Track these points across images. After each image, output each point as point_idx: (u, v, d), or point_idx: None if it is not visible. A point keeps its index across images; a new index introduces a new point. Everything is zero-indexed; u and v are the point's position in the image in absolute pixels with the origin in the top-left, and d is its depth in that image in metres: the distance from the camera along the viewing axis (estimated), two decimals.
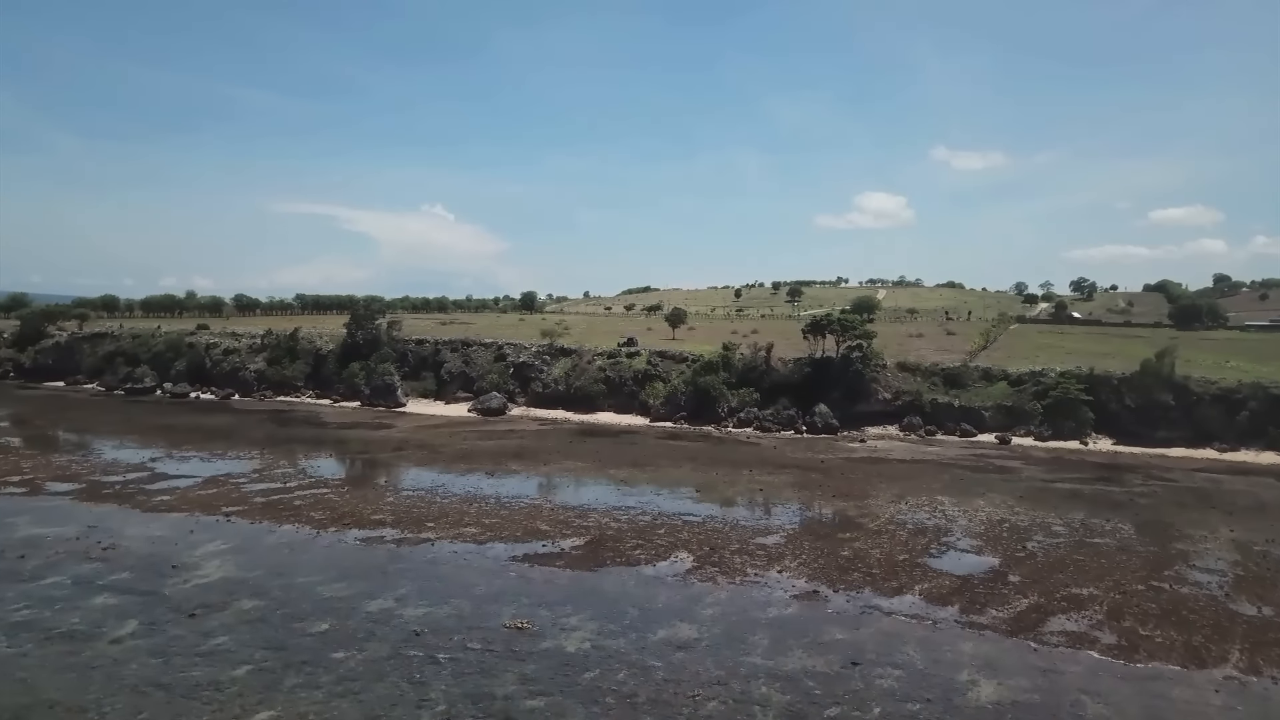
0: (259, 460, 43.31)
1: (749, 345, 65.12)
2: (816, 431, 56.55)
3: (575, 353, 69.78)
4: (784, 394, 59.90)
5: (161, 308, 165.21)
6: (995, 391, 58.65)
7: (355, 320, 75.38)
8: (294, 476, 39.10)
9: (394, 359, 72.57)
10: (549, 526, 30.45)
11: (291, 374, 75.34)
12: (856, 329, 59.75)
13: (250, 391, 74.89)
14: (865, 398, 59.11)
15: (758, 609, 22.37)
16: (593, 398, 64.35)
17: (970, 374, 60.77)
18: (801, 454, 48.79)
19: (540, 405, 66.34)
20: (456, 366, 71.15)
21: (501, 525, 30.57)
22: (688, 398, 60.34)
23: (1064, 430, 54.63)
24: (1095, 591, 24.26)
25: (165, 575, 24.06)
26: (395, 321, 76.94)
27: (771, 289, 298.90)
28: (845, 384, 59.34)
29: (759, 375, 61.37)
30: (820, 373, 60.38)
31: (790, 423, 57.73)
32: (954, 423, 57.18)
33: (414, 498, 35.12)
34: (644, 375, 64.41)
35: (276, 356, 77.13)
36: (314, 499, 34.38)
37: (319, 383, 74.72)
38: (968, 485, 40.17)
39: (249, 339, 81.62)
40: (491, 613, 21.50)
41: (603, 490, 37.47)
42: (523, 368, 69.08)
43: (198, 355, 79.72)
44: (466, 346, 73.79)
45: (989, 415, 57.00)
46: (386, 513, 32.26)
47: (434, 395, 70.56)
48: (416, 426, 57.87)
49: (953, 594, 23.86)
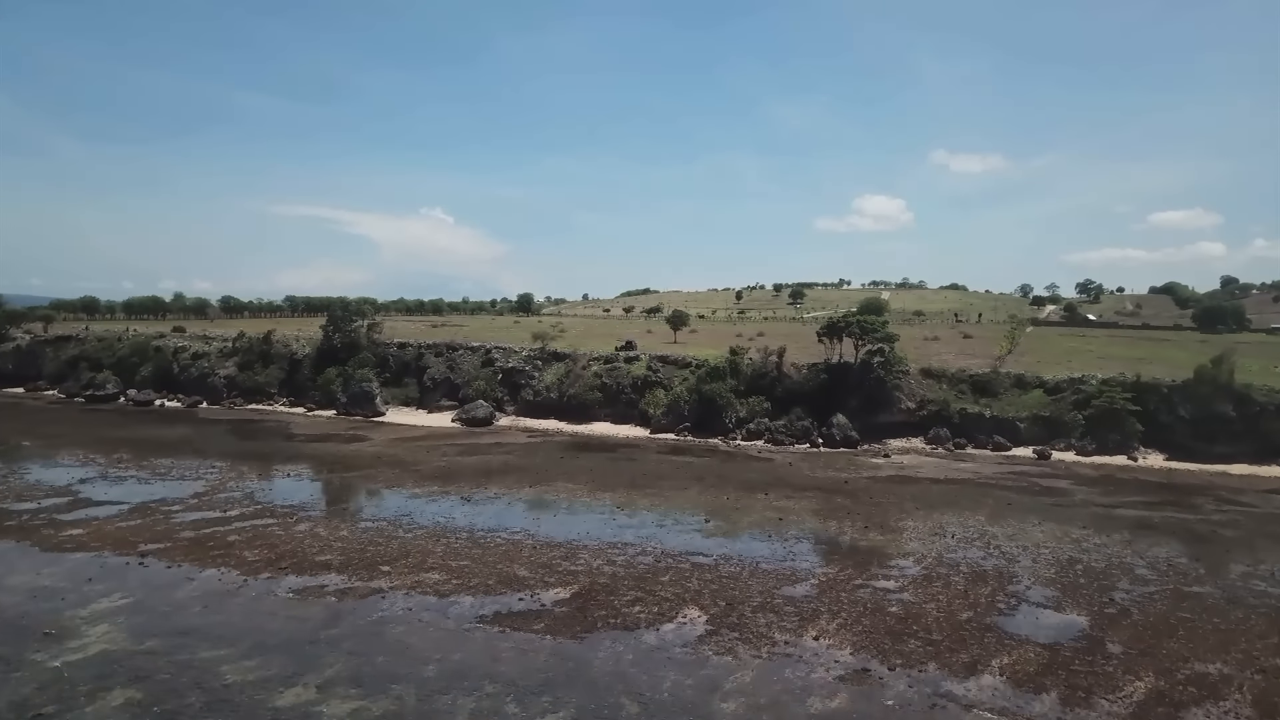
0: (206, 481, 37.94)
1: (758, 349, 59.78)
2: (834, 445, 51.22)
3: (569, 357, 64.44)
4: (797, 403, 54.59)
5: (144, 310, 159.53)
6: (1030, 400, 53.34)
7: (332, 322, 69.99)
8: (239, 502, 33.71)
9: (373, 364, 67.18)
10: (528, 571, 25.07)
11: (264, 380, 69.92)
12: (877, 332, 54.47)
13: (219, 399, 69.43)
14: (887, 407, 53.79)
15: (795, 699, 17.03)
16: (588, 407, 59.03)
17: (1001, 381, 55.45)
18: (821, 472, 43.46)
19: (531, 414, 61.01)
20: (440, 372, 65.78)
21: (471, 569, 25.20)
22: (692, 407, 55.01)
23: (1108, 444, 49.31)
24: (1225, 669, 18.94)
25: (27, 648, 18.68)
26: (376, 324, 71.58)
27: (773, 291, 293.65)
28: (865, 392, 54.03)
29: (770, 382, 56.04)
30: (837, 380, 55.07)
31: (805, 435, 52.38)
32: (985, 435, 51.84)
33: (372, 530, 29.74)
34: (644, 382, 59.09)
35: (248, 361, 71.71)
36: (254, 532, 29.01)
37: (293, 390, 69.32)
38: (1017, 511, 34.83)
39: (220, 342, 76.24)
40: (444, 710, 16.16)
41: (596, 520, 32.09)
42: (512, 374, 63.73)
43: (165, 360, 74.31)
44: (452, 350, 68.43)
45: (1024, 427, 51.66)
46: (335, 551, 26.89)
47: (416, 404, 65.19)
48: (393, 439, 52.48)
49: (1043, 673, 18.52)
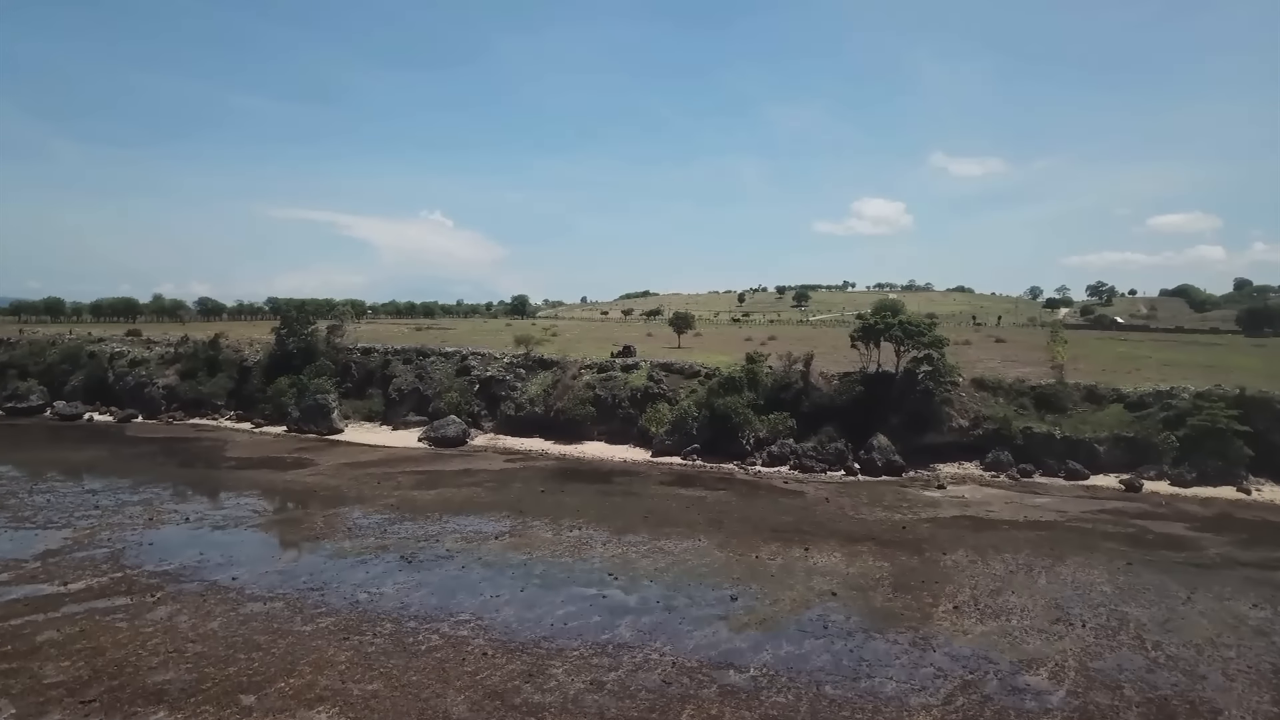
0: (75, 529, 29.05)
1: (778, 356, 50.86)
2: (874, 472, 42.35)
3: (557, 365, 55.52)
4: (827, 420, 45.73)
5: (113, 312, 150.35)
6: (1108, 418, 44.49)
7: (286, 324, 61.03)
8: (94, 567, 24.77)
9: (332, 373, 58.28)
10: (469, 710, 16.14)
11: (209, 391, 60.97)
12: (924, 335, 45.62)
13: (156, 412, 60.48)
14: (936, 425, 44.94)
15: None
16: (578, 423, 50.11)
17: (1068, 394, 46.60)
18: (867, 510, 34.60)
19: (512, 432, 52.10)
20: (408, 382, 56.83)
21: (380, 704, 16.28)
22: (702, 425, 46.10)
23: (1209, 471, 40.46)
24: None
25: None
26: (337, 326, 62.58)
27: (776, 293, 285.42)
28: (909, 407, 45.17)
29: (795, 396, 47.14)
30: (876, 392, 46.21)
31: (839, 460, 43.48)
32: (1055, 460, 42.95)
33: (258, 619, 20.80)
34: (644, 395, 50.19)
35: (191, 370, 62.76)
36: (84, 625, 20.07)
37: (242, 402, 60.40)
38: (1144, 576, 25.93)
39: (163, 347, 67.29)
40: None
41: (580, 598, 23.10)
42: (490, 384, 54.80)
43: (99, 368, 65.37)
44: (423, 357, 59.49)
45: (1103, 450, 42.82)
46: (185, 664, 17.96)
47: (380, 418, 56.27)
48: (343, 464, 43.56)
49: None
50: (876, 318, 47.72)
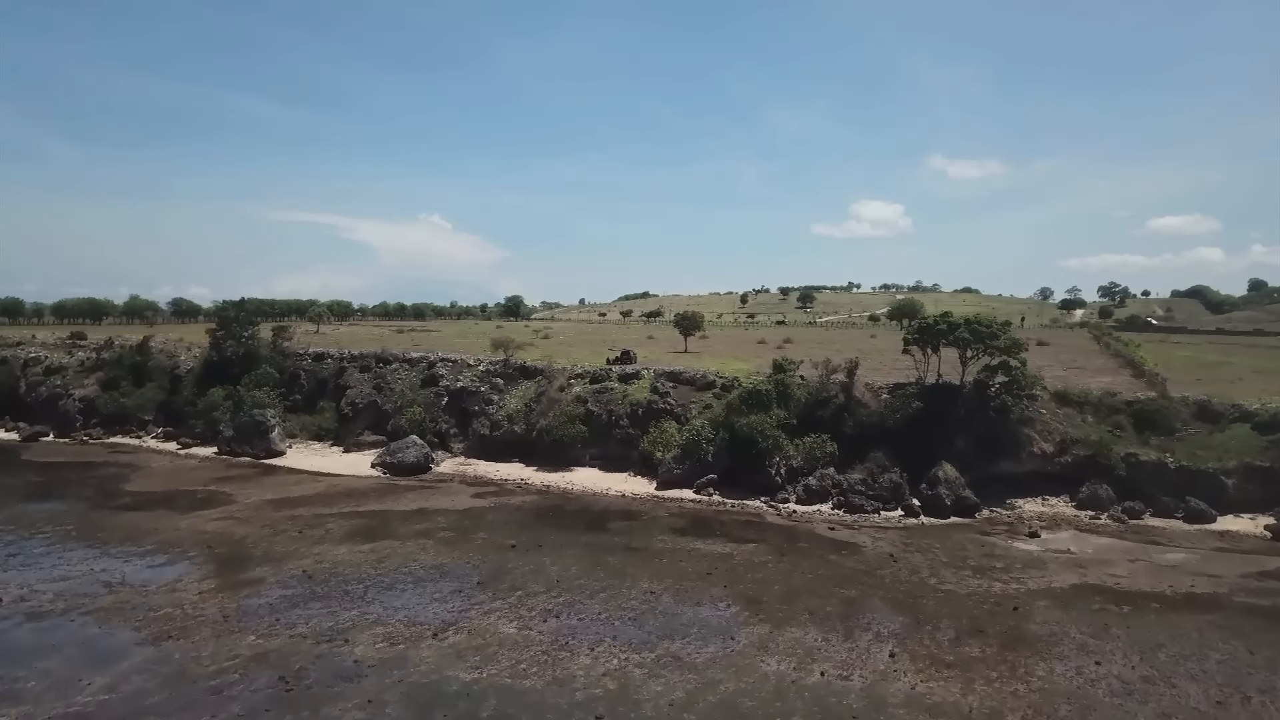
0: None
1: (812, 363, 41.66)
2: (941, 511, 33.21)
3: (542, 374, 46.34)
4: (875, 443, 36.60)
5: (79, 313, 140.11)
6: (1232, 442, 35.34)
7: (223, 327, 51.79)
8: None
9: (276, 383, 49.11)
10: None
11: (134, 404, 51.70)
12: (996, 339, 36.51)
13: (71, 428, 51.20)
14: (1012, 451, 35.83)
15: None
16: (566, 446, 40.94)
17: (1174, 411, 37.50)
18: (949, 573, 25.48)
19: (486, 455, 42.98)
20: (364, 394, 47.61)
21: None
22: (719, 450, 36.93)
23: None
24: None
25: None
26: (283, 328, 53.51)
27: (779, 294, 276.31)
28: (979, 428, 36.06)
29: (834, 413, 37.94)
30: (936, 409, 37.09)
31: (895, 496, 34.34)
32: (1170, 496, 33.87)
33: None
34: (647, 410, 41.02)
35: (114, 379, 53.49)
36: None
37: (172, 416, 51.18)
38: None
39: (86, 352, 58.05)
40: None
41: None
42: (462, 396, 45.61)
43: (10, 376, 56.11)
44: (383, 364, 50.28)
45: (1232, 484, 33.71)
46: None
47: (331, 437, 47.09)
48: (267, 502, 34.36)
49: None
50: (936, 319, 38.51)
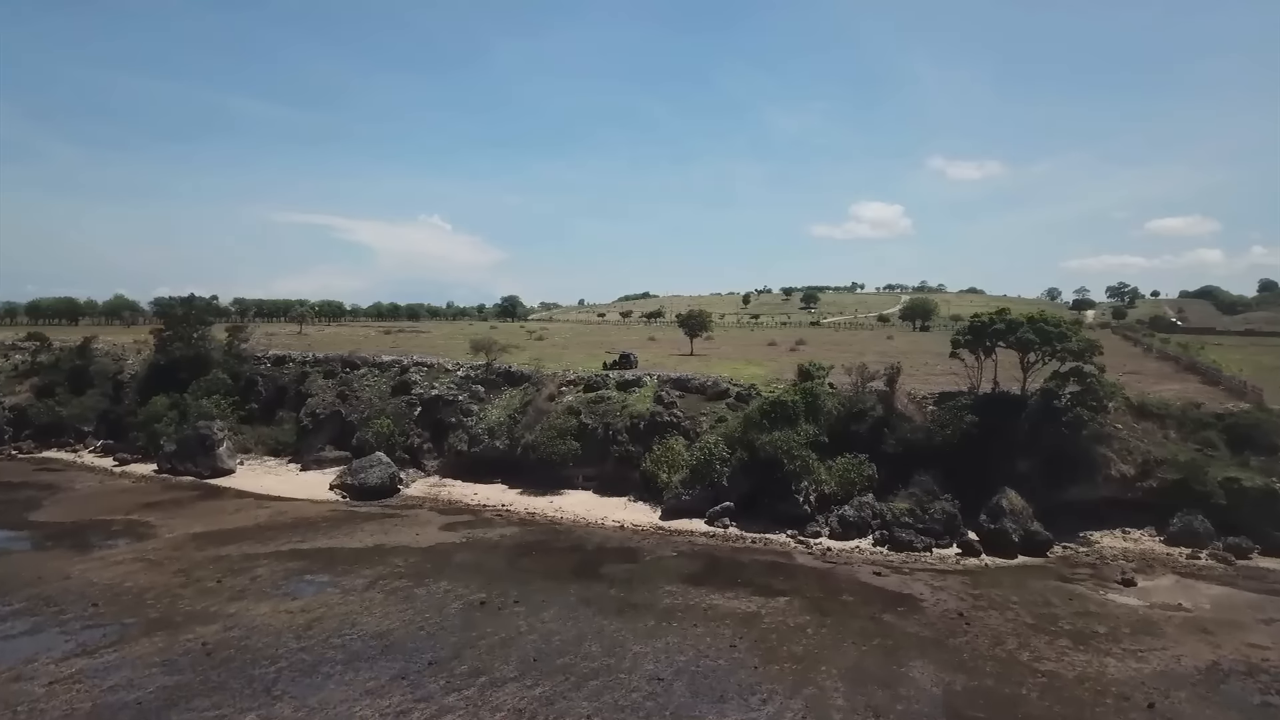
0: None
1: (844, 369, 35.74)
2: (1006, 549, 27.40)
3: (529, 381, 40.52)
4: (920, 464, 30.80)
5: (53, 313, 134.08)
6: None
7: (170, 327, 46.00)
8: None
9: (229, 390, 43.33)
10: None
11: (71, 414, 45.89)
12: (1067, 340, 30.73)
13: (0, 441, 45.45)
14: (1087, 474, 30.01)
15: None
16: (555, 464, 35.14)
17: (1274, 425, 31.74)
18: (1040, 640, 19.72)
19: (464, 474, 37.21)
20: (326, 403, 41.79)
21: None
22: (736, 473, 31.06)
23: None
24: None
25: None
26: (239, 328, 47.70)
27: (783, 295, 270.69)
28: (1046, 447, 30.26)
29: (871, 429, 32.09)
30: (994, 423, 31.26)
31: (949, 529, 28.53)
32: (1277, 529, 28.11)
33: None
34: (650, 424, 35.21)
35: (50, 385, 47.68)
36: None
37: (113, 428, 45.38)
38: None
39: (20, 355, 52.27)
40: None
41: None
42: (437, 406, 39.79)
43: None
44: (350, 369, 44.46)
45: None
46: None
47: (290, 451, 41.31)
48: (194, 536, 28.56)
49: None
50: (993, 317, 32.68)
